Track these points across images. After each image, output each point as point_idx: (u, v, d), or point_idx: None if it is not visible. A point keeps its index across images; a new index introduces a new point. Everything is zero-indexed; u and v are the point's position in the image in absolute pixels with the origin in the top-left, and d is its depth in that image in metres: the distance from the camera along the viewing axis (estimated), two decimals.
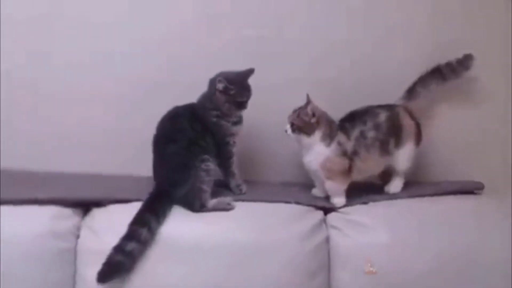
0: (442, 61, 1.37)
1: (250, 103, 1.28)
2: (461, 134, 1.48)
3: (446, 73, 1.36)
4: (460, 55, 1.38)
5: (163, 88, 1.41)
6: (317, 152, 1.26)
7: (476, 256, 1.17)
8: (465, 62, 1.37)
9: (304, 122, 1.25)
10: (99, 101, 1.43)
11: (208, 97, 1.26)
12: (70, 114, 1.43)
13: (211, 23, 1.42)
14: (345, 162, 1.26)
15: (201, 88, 1.28)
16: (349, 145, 1.27)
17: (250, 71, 1.26)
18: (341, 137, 1.27)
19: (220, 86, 1.22)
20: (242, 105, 1.26)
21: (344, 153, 1.26)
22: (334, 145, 1.26)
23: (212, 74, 1.27)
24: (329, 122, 1.28)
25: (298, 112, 1.27)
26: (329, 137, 1.26)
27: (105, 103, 1.43)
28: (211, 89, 1.26)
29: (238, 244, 1.15)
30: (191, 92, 1.29)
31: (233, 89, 1.22)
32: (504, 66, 1.46)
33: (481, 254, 1.17)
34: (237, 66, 1.29)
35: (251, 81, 1.27)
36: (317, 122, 1.25)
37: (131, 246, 1.10)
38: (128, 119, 1.44)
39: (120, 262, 1.09)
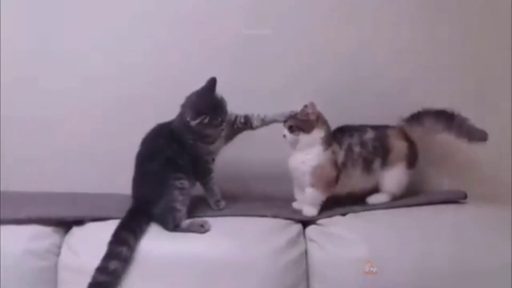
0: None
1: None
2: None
3: (457, 128, 1.30)
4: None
5: (146, 106, 1.44)
6: (315, 153, 1.25)
7: (457, 267, 1.14)
8: (477, 134, 1.29)
9: (302, 121, 1.26)
10: (80, 123, 1.47)
11: (183, 123, 1.24)
12: (54, 136, 1.47)
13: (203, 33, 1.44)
14: (334, 173, 1.26)
15: None
16: (340, 156, 1.27)
17: (212, 82, 1.22)
18: (335, 146, 1.27)
19: (193, 123, 1.21)
20: (222, 122, 1.24)
21: (335, 164, 1.26)
22: (329, 152, 1.26)
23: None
24: (327, 124, 1.28)
25: (295, 115, 1.28)
26: (327, 143, 1.26)
27: (86, 124, 1.47)
28: (183, 121, 1.24)
29: (215, 260, 1.15)
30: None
31: (206, 117, 1.20)
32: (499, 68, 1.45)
33: (462, 265, 1.14)
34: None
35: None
36: (316, 120, 1.26)
37: (113, 265, 1.11)
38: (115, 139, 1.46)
39: (105, 282, 1.10)
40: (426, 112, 1.32)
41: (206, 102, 1.22)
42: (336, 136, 1.28)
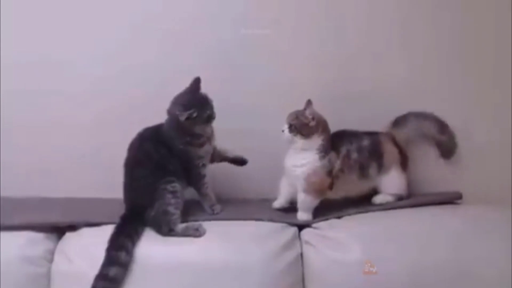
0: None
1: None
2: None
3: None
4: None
5: (142, 112, 1.42)
6: (310, 160, 1.25)
7: (454, 269, 1.14)
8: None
9: (303, 124, 1.25)
10: (77, 129, 1.46)
11: (173, 126, 1.24)
12: (47, 142, 1.46)
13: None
14: (327, 181, 1.26)
15: None
16: (337, 164, 1.27)
17: (197, 81, 1.24)
18: (332, 155, 1.26)
19: (182, 117, 1.21)
20: (210, 117, 1.25)
21: (330, 172, 1.26)
22: (325, 161, 1.25)
23: None
24: (328, 132, 1.27)
25: (297, 114, 1.26)
26: (324, 151, 1.25)
27: (84, 130, 1.46)
28: (172, 120, 1.24)
29: (210, 264, 1.15)
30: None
31: (195, 111, 1.21)
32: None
33: (459, 267, 1.15)
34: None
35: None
36: (316, 126, 1.25)
37: (113, 271, 1.10)
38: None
39: None
40: (410, 114, 1.39)
41: (193, 98, 1.23)
42: (334, 141, 1.28)
